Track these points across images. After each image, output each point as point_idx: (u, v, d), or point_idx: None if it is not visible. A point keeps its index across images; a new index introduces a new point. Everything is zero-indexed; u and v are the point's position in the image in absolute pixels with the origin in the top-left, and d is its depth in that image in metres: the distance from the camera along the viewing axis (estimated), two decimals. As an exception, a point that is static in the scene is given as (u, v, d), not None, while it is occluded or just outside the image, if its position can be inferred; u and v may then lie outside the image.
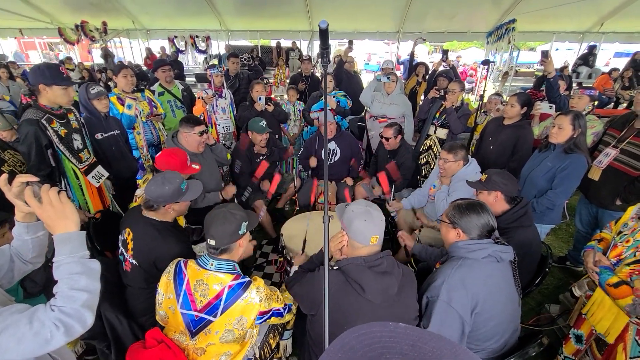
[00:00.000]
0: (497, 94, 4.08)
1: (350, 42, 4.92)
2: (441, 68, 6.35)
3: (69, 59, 9.55)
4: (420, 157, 3.70)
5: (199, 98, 3.80)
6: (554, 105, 3.14)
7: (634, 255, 1.50)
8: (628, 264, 1.51)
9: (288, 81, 6.73)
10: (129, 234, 1.76)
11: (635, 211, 1.64)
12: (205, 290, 1.41)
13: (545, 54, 3.07)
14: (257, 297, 1.42)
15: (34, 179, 1.00)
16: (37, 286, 1.71)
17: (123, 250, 1.79)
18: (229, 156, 3.19)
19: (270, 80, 6.81)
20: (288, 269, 2.36)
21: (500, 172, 1.98)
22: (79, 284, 0.93)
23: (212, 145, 2.90)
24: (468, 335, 1.45)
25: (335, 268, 1.40)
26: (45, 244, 1.13)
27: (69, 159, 2.25)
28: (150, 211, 1.77)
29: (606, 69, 8.65)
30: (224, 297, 1.40)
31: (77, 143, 2.32)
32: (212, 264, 1.44)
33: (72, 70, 8.48)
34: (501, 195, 1.94)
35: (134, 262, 1.74)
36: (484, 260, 1.47)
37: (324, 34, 1.04)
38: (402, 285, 1.37)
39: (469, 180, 2.11)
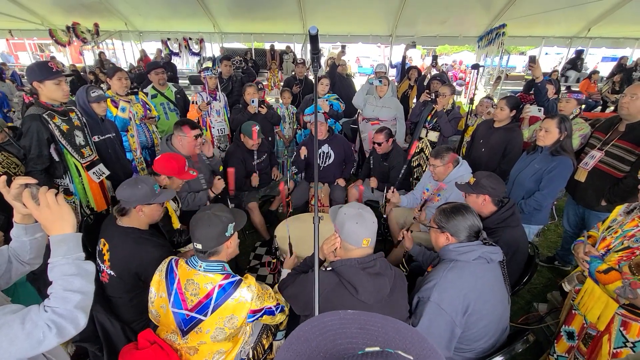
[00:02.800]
0: (489, 97, 4.16)
1: (343, 47, 4.97)
2: (433, 72, 6.46)
3: (53, 58, 9.43)
4: (412, 159, 3.74)
5: (192, 103, 3.79)
6: (542, 109, 3.21)
7: (622, 244, 1.55)
8: (616, 251, 1.55)
9: (282, 84, 6.75)
10: (104, 245, 1.73)
11: (622, 209, 1.70)
12: (196, 289, 1.42)
13: (532, 59, 3.14)
14: (248, 295, 1.42)
15: (33, 181, 1.01)
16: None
17: (99, 262, 1.76)
18: (221, 168, 3.19)
19: (263, 83, 6.84)
20: (282, 270, 2.37)
21: (489, 176, 2.01)
22: (73, 285, 0.93)
23: (210, 157, 2.89)
24: (460, 335, 1.48)
25: (328, 269, 1.42)
26: (44, 246, 1.13)
27: (71, 153, 2.31)
28: (123, 217, 1.75)
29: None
30: (214, 296, 1.40)
31: (79, 139, 2.37)
32: (200, 266, 1.44)
33: (62, 70, 8.39)
34: (489, 198, 1.98)
35: (112, 273, 1.71)
36: (474, 262, 1.50)
37: (314, 40, 1.07)
38: (394, 286, 1.39)
39: (458, 183, 2.14)
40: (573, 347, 1.79)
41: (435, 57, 6.92)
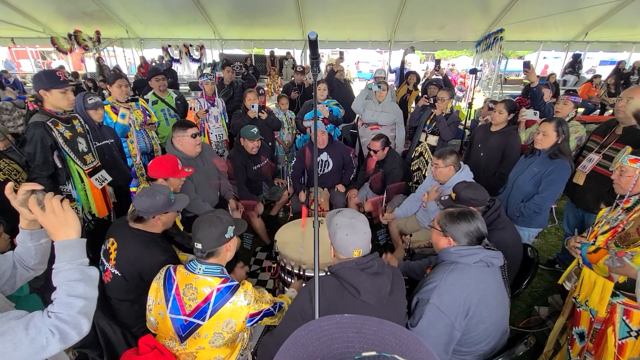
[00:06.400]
0: (494, 101, 4.19)
1: (341, 53, 5.02)
2: (434, 77, 6.50)
3: (62, 67, 9.53)
4: (412, 163, 3.76)
5: (191, 109, 3.83)
6: (538, 112, 3.24)
7: (608, 226, 1.66)
8: (602, 234, 1.66)
9: (281, 89, 6.81)
10: (112, 244, 1.76)
11: (607, 209, 1.79)
12: (194, 294, 1.43)
13: (527, 65, 3.18)
14: (245, 300, 1.44)
15: (39, 187, 1.02)
16: (40, 281, 1.71)
17: (104, 260, 1.79)
18: None
19: (264, 89, 6.91)
20: (282, 275, 2.38)
21: (467, 187, 2.02)
22: (76, 290, 0.94)
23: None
24: (459, 338, 1.47)
25: (328, 273, 1.42)
26: (48, 251, 1.14)
27: (74, 160, 2.34)
28: (138, 223, 1.79)
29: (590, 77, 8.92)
30: (212, 300, 1.42)
31: (82, 146, 2.41)
32: (200, 269, 1.46)
33: (66, 78, 8.45)
34: (474, 209, 1.99)
35: (116, 271, 1.73)
36: (475, 265, 1.50)
37: (313, 45, 1.08)
38: (393, 284, 1.39)
39: (442, 199, 2.16)
40: (584, 348, 1.80)
41: (438, 62, 6.94)
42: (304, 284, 1.96)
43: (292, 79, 5.60)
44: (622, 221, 1.61)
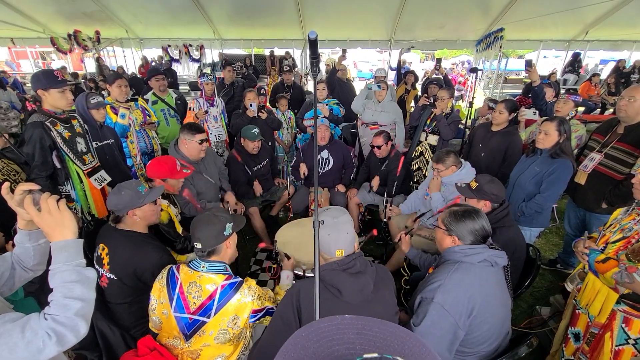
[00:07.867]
0: (494, 100, 4.18)
1: (344, 51, 5.00)
2: (434, 76, 6.48)
3: (64, 68, 9.53)
4: (412, 163, 3.75)
5: (190, 109, 3.82)
6: (537, 112, 3.23)
7: (620, 235, 1.59)
8: (614, 242, 1.59)
9: (271, 91, 6.79)
10: (103, 249, 1.75)
11: (622, 211, 1.72)
12: (199, 291, 1.44)
13: (529, 64, 3.16)
14: (249, 295, 1.45)
15: (36, 187, 1.01)
16: (34, 284, 1.70)
17: (97, 267, 1.77)
18: None
19: (265, 88, 6.89)
20: (282, 272, 2.37)
21: (491, 181, 2.01)
22: (73, 292, 0.92)
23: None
24: (462, 338, 1.46)
25: (309, 275, 1.41)
26: (47, 252, 1.13)
27: (73, 160, 2.32)
28: (120, 223, 1.78)
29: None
30: (216, 297, 1.42)
31: (81, 146, 2.40)
32: (203, 267, 1.47)
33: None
34: (490, 203, 1.99)
35: (112, 276, 1.72)
36: (479, 264, 1.49)
37: (313, 44, 1.07)
38: (377, 283, 1.38)
39: (459, 186, 2.13)
40: (579, 349, 1.78)
41: (439, 60, 6.92)
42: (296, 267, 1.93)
43: (280, 78, 5.61)
44: (636, 232, 1.53)
